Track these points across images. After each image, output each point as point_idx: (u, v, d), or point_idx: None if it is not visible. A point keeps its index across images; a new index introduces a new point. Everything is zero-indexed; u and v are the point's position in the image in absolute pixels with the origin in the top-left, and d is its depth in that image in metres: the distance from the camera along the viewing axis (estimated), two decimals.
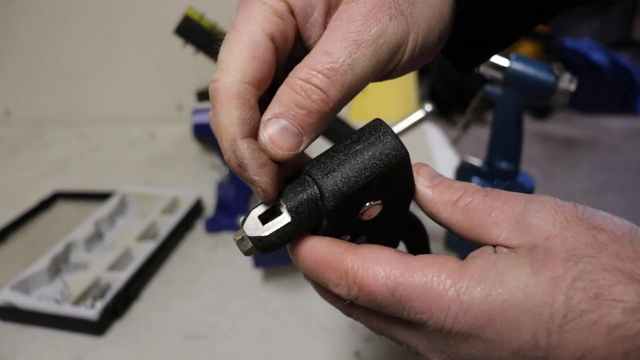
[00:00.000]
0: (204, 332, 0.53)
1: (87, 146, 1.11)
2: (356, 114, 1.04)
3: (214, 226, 0.72)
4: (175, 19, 0.59)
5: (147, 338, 0.53)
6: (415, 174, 0.26)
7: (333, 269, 0.24)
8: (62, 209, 0.82)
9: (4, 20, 1.20)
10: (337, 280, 0.24)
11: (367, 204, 0.25)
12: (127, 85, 1.23)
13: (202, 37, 0.59)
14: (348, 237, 0.27)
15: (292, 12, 0.26)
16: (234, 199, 0.71)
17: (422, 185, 0.26)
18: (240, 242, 0.25)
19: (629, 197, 2.34)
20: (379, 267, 0.23)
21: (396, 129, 0.57)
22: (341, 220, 0.26)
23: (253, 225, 0.25)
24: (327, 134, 0.64)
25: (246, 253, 0.25)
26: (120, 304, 0.56)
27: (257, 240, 0.25)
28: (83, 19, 1.19)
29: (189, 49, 0.61)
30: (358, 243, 0.26)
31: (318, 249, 0.25)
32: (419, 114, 0.58)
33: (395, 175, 0.25)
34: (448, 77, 2.82)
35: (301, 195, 0.25)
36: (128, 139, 1.12)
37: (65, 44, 1.21)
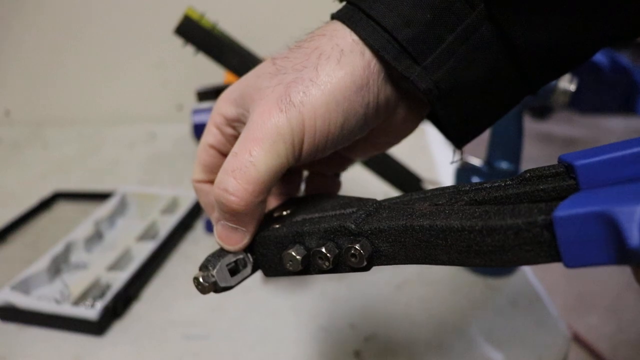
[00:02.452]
0: (204, 332, 0.53)
1: (87, 146, 1.11)
2: None
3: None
4: (175, 19, 0.59)
5: (147, 338, 0.53)
6: None
7: None
8: (62, 208, 0.82)
9: (4, 20, 1.20)
10: None
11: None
12: (127, 85, 1.23)
13: (203, 37, 0.59)
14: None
15: (228, 123, 0.30)
16: None
17: None
18: (200, 283, 0.27)
19: None
20: None
21: None
22: None
23: (223, 276, 0.27)
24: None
25: (203, 292, 0.27)
26: (121, 304, 0.56)
27: (223, 288, 0.27)
28: (83, 19, 1.19)
29: (189, 49, 0.60)
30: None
31: None
32: None
33: None
34: None
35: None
36: (128, 139, 1.13)
37: (65, 44, 1.21)
